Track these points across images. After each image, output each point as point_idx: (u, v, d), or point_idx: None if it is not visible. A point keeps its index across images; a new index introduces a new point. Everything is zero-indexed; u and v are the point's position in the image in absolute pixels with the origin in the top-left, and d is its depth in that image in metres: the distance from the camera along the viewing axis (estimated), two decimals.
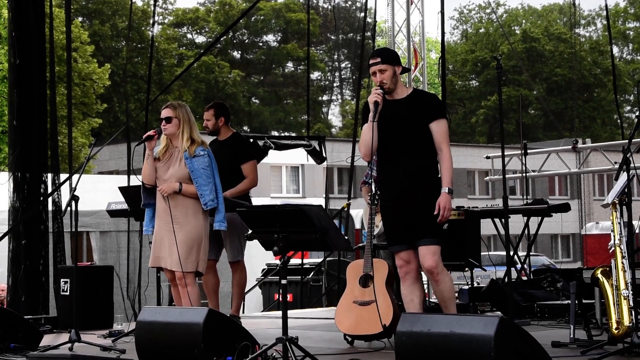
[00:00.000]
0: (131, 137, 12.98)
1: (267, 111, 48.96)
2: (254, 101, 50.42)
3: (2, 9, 22.98)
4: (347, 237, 6.52)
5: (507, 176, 8.48)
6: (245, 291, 8.39)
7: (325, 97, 53.71)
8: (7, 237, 9.27)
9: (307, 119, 14.86)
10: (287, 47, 49.02)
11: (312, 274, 13.84)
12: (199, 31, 50.84)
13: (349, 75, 55.02)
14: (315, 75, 50.62)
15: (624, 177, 5.94)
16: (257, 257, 12.29)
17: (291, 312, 8.14)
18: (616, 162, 6.55)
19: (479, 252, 8.61)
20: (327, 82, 53.49)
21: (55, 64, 10.50)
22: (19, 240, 9.25)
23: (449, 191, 5.70)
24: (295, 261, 12.97)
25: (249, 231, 5.73)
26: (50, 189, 9.53)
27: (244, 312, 9.87)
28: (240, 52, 51.85)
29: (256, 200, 8.10)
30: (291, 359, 5.21)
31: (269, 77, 51.73)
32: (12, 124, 9.43)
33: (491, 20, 54.87)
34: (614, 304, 5.92)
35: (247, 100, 48.25)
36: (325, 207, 10.79)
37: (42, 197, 9.35)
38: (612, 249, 5.94)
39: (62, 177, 9.73)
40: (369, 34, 14.62)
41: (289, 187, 36.23)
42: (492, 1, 55.10)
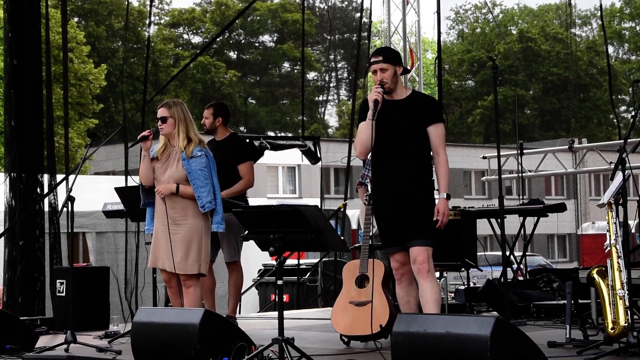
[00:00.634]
0: (127, 138, 12.97)
1: (263, 111, 48.92)
2: (251, 101, 50.39)
3: None
4: (343, 238, 6.52)
5: (504, 176, 8.50)
6: (241, 292, 8.39)
7: (321, 98, 53.69)
8: (3, 238, 9.26)
9: (302, 119, 14.85)
10: (284, 47, 48.99)
11: (308, 274, 13.84)
12: (195, 31, 50.80)
13: (345, 75, 55.06)
14: (311, 75, 50.62)
15: (619, 177, 5.95)
16: (253, 258, 12.28)
17: (287, 313, 8.15)
18: (612, 162, 6.56)
19: (475, 252, 8.60)
20: (323, 83, 53.48)
21: (51, 64, 10.49)
22: (15, 241, 9.24)
23: (447, 197, 5.71)
24: (291, 262, 12.96)
25: (246, 232, 5.72)
26: (46, 190, 9.51)
27: (240, 313, 9.87)
28: (236, 53, 51.82)
29: (252, 200, 8.09)
30: (287, 359, 5.21)
31: (265, 77, 51.69)
32: (10, 124, 9.42)
33: (487, 20, 54.88)
34: (610, 304, 5.92)
35: (243, 100, 48.20)
36: (320, 207, 10.75)
37: (38, 198, 9.34)
38: (608, 248, 5.94)
39: (59, 177, 9.71)
40: (365, 34, 14.63)
41: (286, 187, 36.23)
42: (489, 1, 55.14)
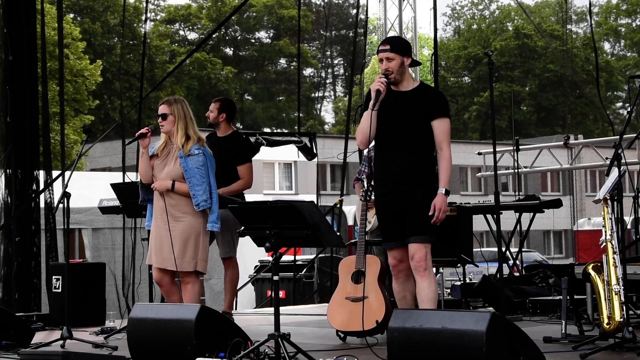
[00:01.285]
0: (124, 135, 12.96)
1: (259, 108, 48.87)
2: (247, 98, 50.33)
3: None
4: (339, 234, 6.51)
5: (499, 172, 8.51)
6: (237, 288, 8.38)
7: (317, 94, 53.65)
8: None
9: (298, 115, 14.88)
10: (280, 43, 48.94)
11: (304, 270, 13.84)
12: (191, 28, 50.72)
13: (341, 72, 55.04)
14: (307, 71, 50.57)
15: (615, 172, 5.95)
16: (249, 254, 12.29)
17: (283, 309, 8.14)
18: (607, 158, 6.56)
19: (471, 248, 8.60)
20: (319, 79, 53.43)
21: (46, 60, 10.47)
22: (11, 237, 9.23)
23: (446, 192, 5.62)
24: (287, 258, 12.95)
25: (242, 227, 5.72)
26: (42, 186, 9.50)
27: (236, 309, 9.86)
28: (232, 49, 51.76)
29: (249, 196, 8.08)
30: (283, 355, 5.21)
31: (261, 73, 51.63)
32: (5, 120, 9.41)
33: (483, 16, 54.89)
34: (606, 300, 5.93)
35: (239, 97, 48.13)
36: (317, 203, 10.76)
37: (34, 194, 9.33)
38: (604, 244, 5.95)
39: (54, 174, 9.70)
40: (361, 30, 14.63)
41: (282, 183, 36.22)
42: None
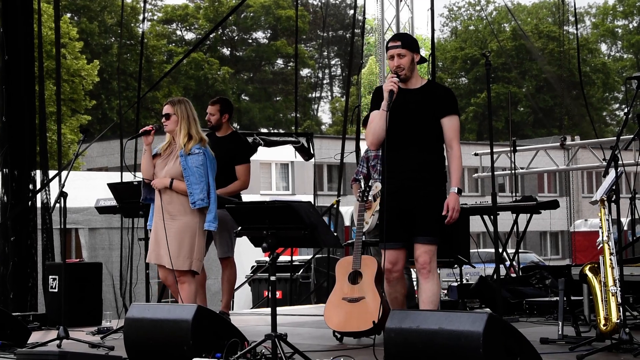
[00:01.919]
0: (122, 134, 12.96)
1: (256, 108, 48.85)
2: (244, 98, 50.31)
3: None
4: (336, 234, 6.51)
5: (496, 173, 8.50)
6: (235, 288, 8.38)
7: (315, 94, 53.62)
8: None
9: (296, 115, 14.84)
10: (277, 44, 48.93)
11: (301, 271, 13.85)
12: (188, 28, 50.68)
13: (338, 72, 55.02)
14: (304, 72, 50.52)
15: (612, 174, 5.95)
16: (246, 254, 12.28)
17: (280, 309, 8.15)
18: (604, 159, 6.56)
19: (468, 249, 8.61)
20: (316, 79, 53.42)
21: (43, 60, 10.46)
22: (7, 237, 9.22)
23: (458, 191, 5.52)
24: (284, 258, 12.96)
25: (239, 228, 5.71)
26: (39, 186, 9.49)
27: (233, 309, 9.86)
28: (229, 49, 51.74)
29: (246, 197, 8.08)
30: (280, 355, 5.20)
31: (258, 74, 51.61)
32: (1, 120, 9.40)
33: (481, 17, 54.91)
34: (602, 301, 5.94)
35: (236, 97, 48.10)
36: (314, 204, 10.77)
37: (30, 194, 9.32)
38: (601, 245, 5.95)
39: (51, 173, 9.70)
40: (358, 31, 14.63)
41: (279, 184, 36.21)
42: None
